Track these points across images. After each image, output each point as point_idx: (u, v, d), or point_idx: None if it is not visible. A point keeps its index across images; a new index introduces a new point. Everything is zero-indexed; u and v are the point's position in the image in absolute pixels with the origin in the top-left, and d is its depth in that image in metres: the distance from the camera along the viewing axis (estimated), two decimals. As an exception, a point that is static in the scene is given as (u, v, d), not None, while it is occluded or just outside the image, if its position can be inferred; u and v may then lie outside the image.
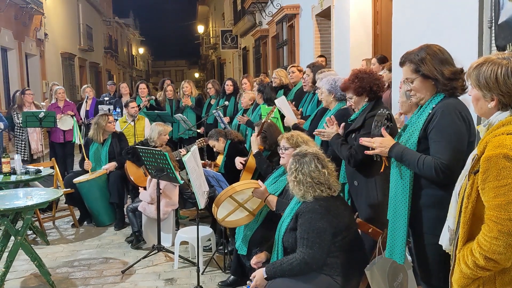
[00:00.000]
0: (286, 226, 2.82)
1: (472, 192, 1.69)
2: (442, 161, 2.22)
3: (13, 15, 12.93)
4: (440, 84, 2.32)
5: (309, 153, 2.78)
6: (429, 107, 2.35)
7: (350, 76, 3.18)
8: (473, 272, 1.66)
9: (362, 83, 3.08)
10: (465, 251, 1.70)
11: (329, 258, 2.64)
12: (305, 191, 2.71)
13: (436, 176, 2.23)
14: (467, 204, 1.70)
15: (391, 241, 2.47)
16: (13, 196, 4.16)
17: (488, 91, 1.75)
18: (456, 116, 2.25)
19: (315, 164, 2.73)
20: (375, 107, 3.05)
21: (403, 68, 2.44)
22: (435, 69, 2.30)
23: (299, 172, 2.73)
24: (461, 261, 1.71)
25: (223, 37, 19.32)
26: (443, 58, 2.33)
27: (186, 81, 7.86)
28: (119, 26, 32.95)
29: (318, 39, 8.80)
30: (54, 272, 4.32)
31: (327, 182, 2.71)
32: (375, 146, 2.47)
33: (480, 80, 1.76)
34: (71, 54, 18.61)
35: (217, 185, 4.24)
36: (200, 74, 48.36)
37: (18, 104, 7.19)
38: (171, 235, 4.94)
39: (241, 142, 5.12)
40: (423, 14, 4.54)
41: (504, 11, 3.41)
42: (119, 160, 5.73)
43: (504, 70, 1.72)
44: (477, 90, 1.79)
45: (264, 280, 2.73)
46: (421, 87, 2.37)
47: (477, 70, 1.78)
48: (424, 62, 2.32)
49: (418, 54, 2.36)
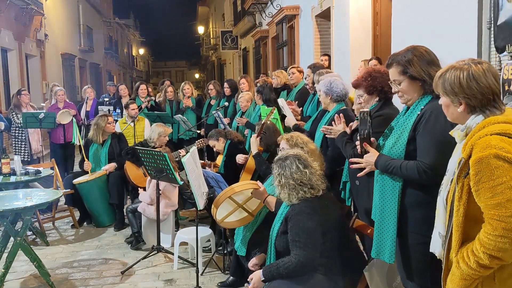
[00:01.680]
0: (277, 230, 2.84)
1: (462, 194, 1.72)
2: (424, 162, 2.24)
3: (13, 16, 12.93)
4: (427, 85, 2.33)
5: (290, 156, 2.82)
6: (417, 108, 2.37)
7: (363, 73, 3.14)
8: (475, 272, 1.68)
9: (374, 82, 3.03)
10: (464, 252, 1.72)
11: (324, 258, 2.66)
12: (289, 194, 2.74)
13: (419, 178, 2.26)
14: (459, 207, 1.73)
15: (378, 241, 2.47)
16: (12, 197, 4.16)
17: (455, 96, 1.82)
18: (443, 117, 2.25)
19: (296, 165, 2.76)
20: (383, 107, 3.03)
21: (390, 70, 2.46)
22: (422, 70, 2.32)
23: (282, 176, 2.77)
24: (460, 263, 1.72)
25: (223, 38, 19.34)
26: (429, 59, 2.35)
27: (186, 83, 7.87)
28: (119, 27, 32.96)
29: (318, 39, 8.81)
30: (53, 273, 4.32)
31: (310, 182, 2.74)
32: (364, 166, 2.51)
33: (446, 87, 1.83)
34: (71, 55, 18.63)
35: (217, 186, 4.24)
36: (200, 74, 48.40)
37: (16, 104, 7.18)
38: (171, 236, 4.94)
39: (241, 143, 5.13)
40: (423, 15, 4.55)
41: (503, 12, 3.41)
42: (118, 161, 5.74)
43: (466, 74, 1.78)
44: (445, 97, 1.86)
45: (261, 282, 2.74)
46: (408, 88, 2.39)
47: (442, 78, 1.85)
48: (411, 64, 2.34)
49: (405, 55, 2.37)
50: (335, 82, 3.77)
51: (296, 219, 2.67)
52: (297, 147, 3.20)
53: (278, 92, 5.90)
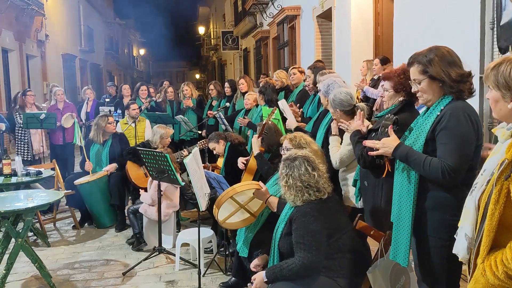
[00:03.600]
0: (281, 232, 2.82)
1: (500, 198, 1.59)
2: (449, 164, 2.21)
3: (14, 17, 12.93)
4: (447, 86, 2.31)
5: (299, 157, 2.78)
6: (437, 109, 2.35)
7: (399, 68, 3.00)
8: (503, 283, 1.56)
9: (406, 82, 2.87)
10: (492, 260, 1.59)
11: (328, 259, 2.64)
12: (295, 195, 2.72)
13: (442, 178, 2.22)
14: (494, 210, 1.59)
15: (395, 243, 2.47)
16: (14, 198, 4.15)
17: (508, 90, 1.69)
18: (464, 119, 2.24)
19: (305, 167, 2.73)
20: (404, 110, 2.93)
21: (411, 69, 2.44)
22: (442, 71, 2.29)
23: (289, 177, 2.74)
24: (487, 271, 1.60)
25: (224, 38, 19.33)
26: (451, 60, 2.32)
27: (186, 84, 7.86)
28: (120, 27, 32.96)
29: (319, 40, 8.80)
30: (55, 274, 4.31)
31: (316, 185, 2.71)
32: (379, 147, 2.46)
33: (499, 80, 1.71)
34: (72, 55, 18.62)
35: (218, 186, 4.23)
36: (201, 75, 48.40)
37: (20, 105, 7.18)
38: (172, 237, 4.93)
39: (241, 144, 5.11)
40: (424, 15, 4.53)
41: (506, 13, 3.40)
42: (119, 161, 5.73)
43: None
44: (496, 90, 1.73)
45: (264, 283, 2.72)
46: (428, 88, 2.37)
47: (495, 70, 1.73)
48: (432, 64, 2.31)
49: (426, 55, 2.35)
50: (334, 83, 3.76)
51: (301, 221, 2.65)
52: (300, 147, 3.18)
53: (277, 93, 5.89)
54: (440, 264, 2.31)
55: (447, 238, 2.21)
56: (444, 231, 2.27)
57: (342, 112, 3.43)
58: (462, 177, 2.17)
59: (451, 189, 2.27)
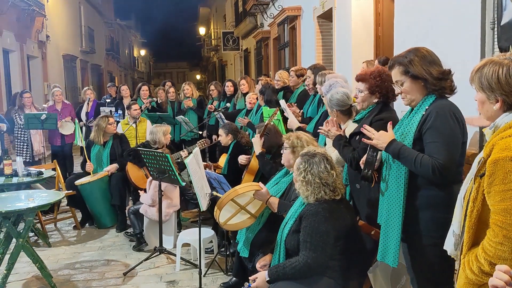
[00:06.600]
0: (289, 228, 2.80)
1: (477, 195, 1.64)
2: (439, 161, 2.23)
3: (15, 17, 12.94)
4: (429, 84, 2.34)
5: (318, 154, 2.76)
6: (422, 109, 2.37)
7: (373, 71, 3.04)
8: (478, 278, 1.62)
9: (382, 84, 2.94)
10: (470, 256, 1.66)
11: (332, 261, 2.63)
12: (311, 192, 2.68)
13: (432, 176, 2.24)
14: (473, 208, 1.66)
15: (384, 244, 2.47)
16: (14, 198, 4.16)
17: (492, 92, 1.71)
18: (450, 117, 2.28)
19: (324, 165, 2.70)
20: (383, 110, 2.98)
21: (392, 72, 2.47)
22: (423, 70, 2.33)
23: (308, 172, 2.70)
24: (466, 266, 1.67)
25: (224, 39, 19.33)
26: (431, 59, 2.37)
27: (187, 83, 7.87)
28: (120, 28, 32.99)
29: (320, 40, 8.79)
30: (55, 274, 4.31)
31: (333, 184, 2.69)
32: (373, 138, 2.46)
33: (482, 82, 1.73)
34: (72, 56, 18.63)
35: (219, 186, 4.23)
36: (201, 76, 48.43)
37: (19, 105, 7.19)
38: (173, 237, 4.94)
39: (247, 144, 5.09)
40: (425, 16, 4.53)
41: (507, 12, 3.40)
42: (120, 162, 5.73)
43: (506, 70, 1.68)
44: (481, 92, 1.75)
45: (265, 283, 2.72)
46: (411, 88, 2.40)
47: (479, 73, 1.75)
48: (412, 64, 2.35)
49: (406, 56, 2.39)
50: (335, 84, 3.77)
51: (311, 220, 2.63)
52: (302, 147, 3.18)
53: (276, 92, 5.89)
54: (432, 262, 2.32)
55: (439, 235, 2.21)
56: (435, 229, 2.29)
57: (339, 112, 3.44)
58: (452, 174, 2.18)
59: (441, 186, 2.29)
